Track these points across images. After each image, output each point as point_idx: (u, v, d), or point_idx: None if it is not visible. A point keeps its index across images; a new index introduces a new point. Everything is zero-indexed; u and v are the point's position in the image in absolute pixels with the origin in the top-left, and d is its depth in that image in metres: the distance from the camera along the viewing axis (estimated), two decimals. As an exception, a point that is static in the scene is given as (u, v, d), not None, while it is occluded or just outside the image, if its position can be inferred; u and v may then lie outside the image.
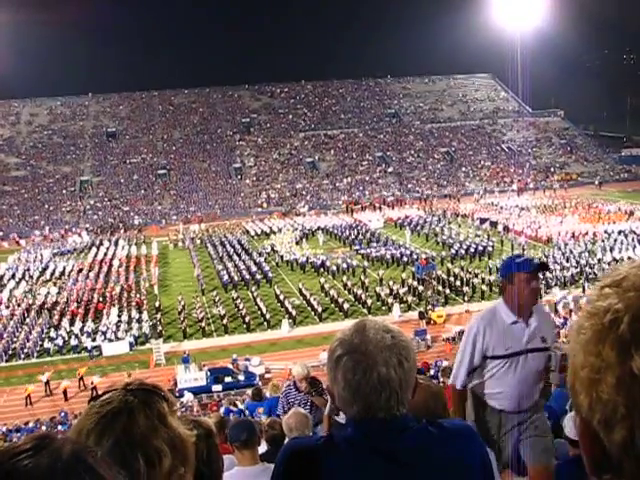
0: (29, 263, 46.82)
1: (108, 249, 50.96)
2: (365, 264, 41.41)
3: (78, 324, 33.80)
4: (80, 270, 44.20)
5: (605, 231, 45.11)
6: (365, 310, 33.25)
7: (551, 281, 34.96)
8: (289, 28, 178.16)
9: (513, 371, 3.71)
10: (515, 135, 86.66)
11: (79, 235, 57.96)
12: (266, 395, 13.19)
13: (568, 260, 38.25)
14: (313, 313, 34.00)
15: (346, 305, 33.52)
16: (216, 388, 27.06)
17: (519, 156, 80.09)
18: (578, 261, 38.21)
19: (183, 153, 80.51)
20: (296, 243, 48.94)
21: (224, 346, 31.27)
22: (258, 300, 35.39)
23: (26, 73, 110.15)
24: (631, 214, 51.47)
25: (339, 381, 1.56)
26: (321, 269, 41.28)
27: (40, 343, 32.36)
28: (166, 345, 31.80)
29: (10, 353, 31.76)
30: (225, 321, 33.10)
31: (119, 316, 34.71)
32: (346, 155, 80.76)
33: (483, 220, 52.71)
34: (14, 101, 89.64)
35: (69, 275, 43.53)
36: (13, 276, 43.86)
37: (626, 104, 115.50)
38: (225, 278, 39.75)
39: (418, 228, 51.69)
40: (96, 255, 48.87)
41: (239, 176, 75.65)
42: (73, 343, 31.83)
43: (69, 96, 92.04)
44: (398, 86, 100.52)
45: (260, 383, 24.20)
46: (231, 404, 21.02)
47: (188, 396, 25.75)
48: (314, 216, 61.13)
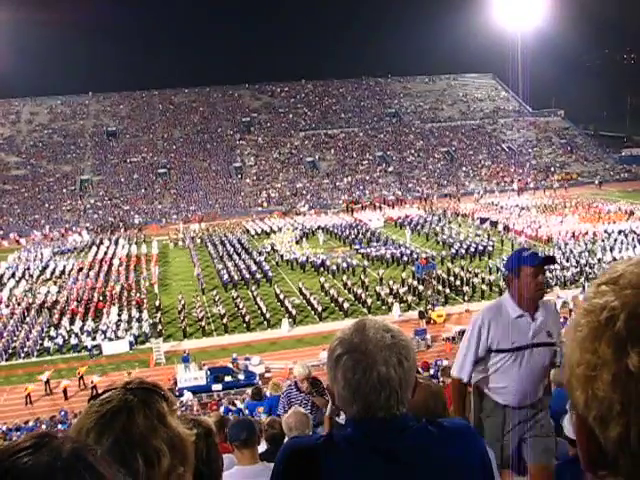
0: (29, 262, 46.83)
1: (108, 248, 50.96)
2: (365, 263, 41.41)
3: (78, 323, 33.82)
4: (80, 269, 44.20)
5: (605, 231, 45.12)
6: (365, 309, 33.25)
7: (551, 281, 34.96)
8: (289, 27, 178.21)
9: (518, 366, 3.67)
10: (515, 135, 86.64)
11: (79, 234, 57.97)
12: (266, 394, 13.20)
13: (568, 260, 38.25)
14: (313, 312, 34.00)
15: (346, 304, 33.51)
16: (216, 387, 27.07)
17: (519, 156, 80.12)
18: (578, 261, 38.21)
19: (183, 152, 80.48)
20: (296, 242, 48.93)
21: (224, 345, 31.27)
22: (258, 299, 35.40)
23: (26, 72, 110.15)
24: (631, 214, 51.44)
25: (339, 380, 1.56)
26: (321, 268, 41.28)
27: (40, 342, 32.36)
28: (166, 344, 31.82)
29: (10, 352, 31.78)
30: (225, 320, 33.11)
31: (119, 315, 34.74)
32: (346, 154, 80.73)
33: (483, 220, 52.71)
34: (14, 100, 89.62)
35: (69, 274, 43.53)
36: (13, 275, 43.89)
37: (626, 104, 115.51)
38: (225, 277, 39.76)
39: (418, 227, 51.68)
40: (96, 254, 48.88)
41: (239, 175, 75.63)
42: (73, 342, 31.85)
43: (69, 95, 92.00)
44: (398, 85, 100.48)
45: (260, 382, 24.21)
46: (230, 403, 21.05)
47: (187, 395, 25.76)
48: (314, 215, 61.12)
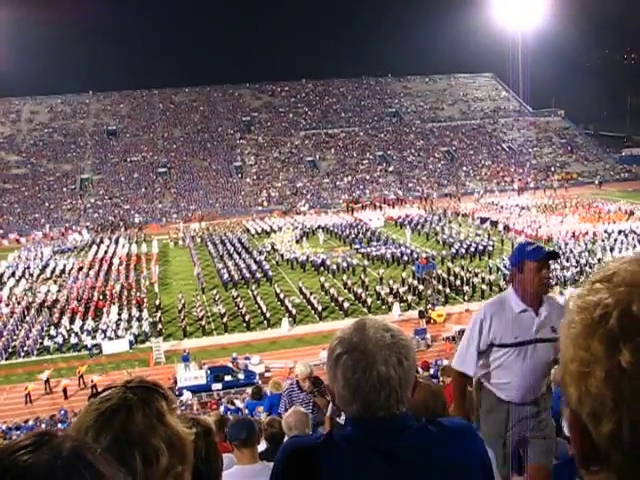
0: (29, 261, 46.84)
1: (108, 247, 50.96)
2: (365, 263, 41.40)
3: (78, 322, 33.81)
4: (80, 268, 44.20)
5: (605, 231, 45.12)
6: (365, 309, 33.25)
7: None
8: (290, 27, 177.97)
9: (521, 361, 3.65)
10: (516, 134, 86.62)
11: (79, 233, 58.00)
12: (266, 393, 13.18)
13: (568, 260, 38.23)
14: (313, 312, 33.99)
15: (346, 304, 33.50)
16: (216, 387, 27.06)
17: (519, 155, 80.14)
18: (578, 261, 38.20)
19: (184, 151, 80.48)
20: (296, 242, 48.92)
21: (224, 345, 31.27)
22: (258, 299, 35.40)
23: (27, 71, 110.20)
24: (631, 214, 51.45)
25: (339, 380, 1.56)
26: (321, 268, 41.27)
27: (40, 341, 32.36)
28: (166, 343, 31.81)
29: (10, 351, 31.76)
30: (225, 320, 33.10)
31: (119, 314, 34.74)
32: (347, 154, 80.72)
33: (483, 219, 52.71)
34: (15, 99, 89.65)
35: (69, 273, 43.53)
36: (13, 274, 43.89)
37: (626, 104, 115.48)
38: (225, 277, 39.76)
39: (418, 227, 51.68)
40: (96, 253, 48.88)
41: (240, 175, 75.62)
42: (73, 341, 31.85)
43: (70, 94, 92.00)
44: (399, 85, 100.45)
45: (260, 382, 24.20)
46: (228, 402, 21.05)
47: (187, 395, 25.76)
48: (314, 215, 61.13)
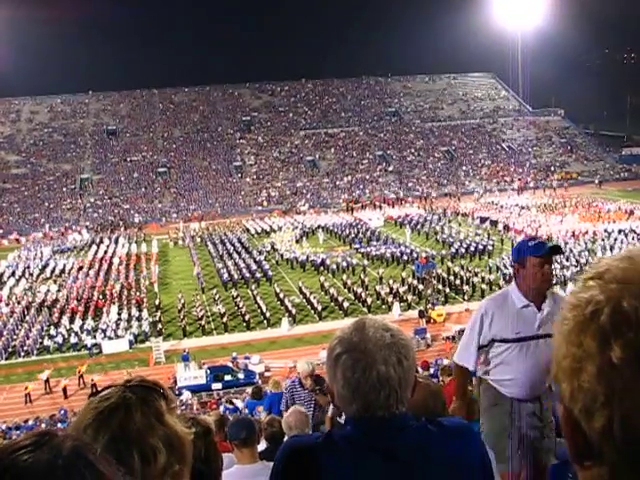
0: (29, 261, 46.84)
1: (108, 247, 50.96)
2: (365, 263, 41.41)
3: (78, 322, 33.82)
4: (80, 268, 44.20)
5: (605, 230, 45.13)
6: (365, 309, 33.26)
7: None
8: (290, 26, 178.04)
9: (524, 357, 3.64)
10: (515, 134, 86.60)
11: (79, 233, 57.99)
12: (267, 392, 13.17)
13: (568, 259, 38.24)
14: (313, 311, 34.00)
15: (346, 304, 33.50)
16: (216, 386, 27.06)
17: (519, 155, 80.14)
18: (578, 260, 38.20)
19: (183, 151, 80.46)
20: (296, 241, 48.92)
21: (224, 344, 31.28)
22: (258, 298, 35.40)
23: (26, 71, 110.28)
24: (631, 213, 51.46)
25: (338, 379, 1.56)
26: (321, 267, 41.28)
27: (40, 341, 32.37)
28: (166, 343, 31.83)
29: (10, 351, 31.77)
30: (225, 319, 33.10)
31: (119, 314, 34.74)
32: (346, 154, 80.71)
33: (483, 219, 52.71)
34: (14, 99, 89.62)
35: (69, 273, 43.53)
36: (13, 274, 43.88)
37: (626, 103, 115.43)
38: (225, 276, 39.76)
39: (418, 227, 51.68)
40: (96, 253, 48.87)
41: (239, 174, 75.61)
42: (73, 341, 31.86)
43: (69, 94, 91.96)
44: (398, 85, 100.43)
45: (260, 381, 24.20)
46: (227, 402, 21.04)
47: (186, 394, 25.77)
48: (314, 214, 61.13)
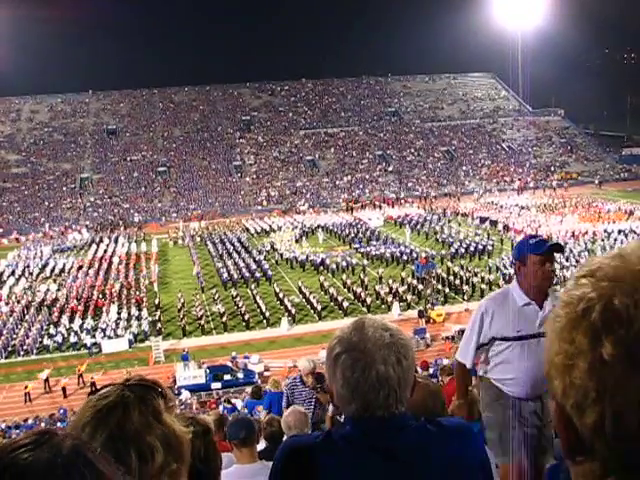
0: (29, 260, 46.83)
1: (108, 246, 50.95)
2: (365, 262, 41.39)
3: (77, 321, 33.81)
4: (80, 267, 44.19)
5: (605, 230, 45.12)
6: (364, 308, 33.25)
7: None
8: (290, 26, 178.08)
9: (525, 355, 3.61)
10: (515, 134, 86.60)
11: (79, 232, 57.97)
12: (267, 392, 13.15)
13: (568, 259, 38.23)
14: (312, 311, 33.99)
15: (345, 303, 33.49)
16: (215, 386, 27.06)
17: (519, 155, 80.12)
18: (578, 260, 38.17)
19: (183, 151, 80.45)
20: (296, 241, 48.90)
21: (223, 344, 31.28)
22: (257, 298, 35.39)
23: (27, 70, 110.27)
24: (631, 214, 51.46)
25: (338, 379, 1.56)
26: (321, 267, 41.27)
27: (39, 340, 32.36)
28: (165, 342, 31.81)
29: (9, 350, 31.78)
30: (224, 319, 33.09)
31: (119, 313, 34.73)
32: (346, 153, 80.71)
33: (483, 219, 52.70)
34: (15, 98, 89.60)
35: (69, 272, 43.51)
36: (13, 273, 43.87)
37: (626, 103, 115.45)
38: (225, 276, 39.76)
39: (418, 227, 51.66)
40: (96, 252, 48.87)
41: (239, 174, 75.60)
42: (72, 340, 31.85)
43: (69, 93, 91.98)
44: (398, 84, 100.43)
45: (259, 381, 24.21)
46: (225, 401, 21.01)
47: (185, 394, 25.77)
48: (314, 214, 61.12)
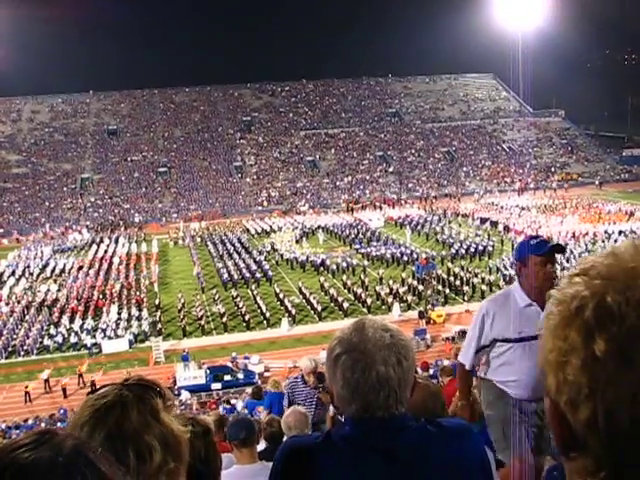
0: (29, 260, 46.85)
1: (108, 246, 50.98)
2: (365, 263, 41.40)
3: (78, 321, 33.83)
4: (80, 267, 44.21)
5: (605, 231, 45.11)
6: (365, 309, 33.24)
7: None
8: (290, 27, 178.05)
9: (528, 357, 3.58)
10: (516, 135, 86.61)
11: (79, 232, 57.99)
12: (267, 392, 13.14)
13: (568, 260, 38.20)
14: (313, 312, 33.99)
15: (346, 304, 33.50)
16: (215, 386, 27.06)
17: (520, 156, 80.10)
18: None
19: (184, 151, 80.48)
20: (296, 242, 48.92)
21: (223, 344, 31.28)
22: (258, 298, 35.40)
23: (27, 70, 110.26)
24: (631, 214, 51.46)
25: (338, 380, 1.55)
26: (321, 268, 41.27)
27: (40, 340, 32.38)
28: (166, 343, 31.83)
29: (10, 350, 31.79)
30: (225, 319, 33.11)
31: (119, 314, 34.75)
32: (347, 154, 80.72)
33: (483, 220, 52.70)
34: (15, 98, 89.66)
35: (69, 272, 43.54)
36: (13, 273, 43.90)
37: (627, 104, 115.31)
38: (225, 276, 39.76)
39: (418, 227, 51.67)
40: (96, 252, 48.89)
41: (240, 174, 75.63)
42: (73, 340, 31.86)
43: (70, 93, 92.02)
44: (399, 85, 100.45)
45: (259, 382, 24.20)
46: (224, 402, 21.01)
47: (185, 395, 25.77)
48: (314, 215, 61.12)
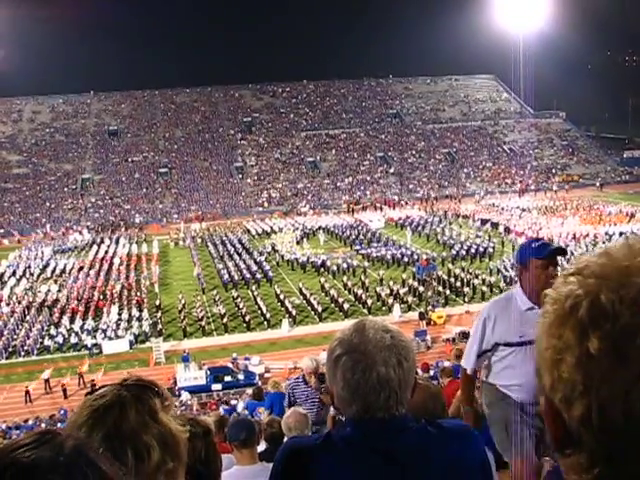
0: (30, 260, 46.85)
1: (109, 247, 50.98)
2: (365, 264, 41.39)
3: (78, 322, 33.83)
4: (81, 268, 44.21)
5: (606, 233, 45.07)
6: (365, 310, 33.23)
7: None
8: (291, 27, 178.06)
9: (529, 361, 3.50)
10: (517, 136, 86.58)
11: (80, 233, 57.98)
12: (268, 393, 13.14)
13: (569, 261, 38.17)
14: (313, 313, 34.00)
15: (346, 305, 33.51)
16: (216, 387, 27.06)
17: (521, 157, 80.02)
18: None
19: (185, 152, 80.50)
20: (297, 243, 48.92)
21: (224, 345, 31.28)
22: (258, 299, 35.40)
23: (28, 71, 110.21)
24: (632, 216, 51.44)
25: (338, 381, 1.55)
26: (321, 269, 41.26)
27: (40, 341, 32.38)
28: (166, 344, 31.83)
29: (10, 350, 31.79)
30: (225, 320, 33.11)
31: (119, 314, 34.75)
32: (347, 155, 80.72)
33: (484, 221, 52.68)
34: (16, 98, 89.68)
35: (70, 273, 43.53)
36: (14, 273, 43.89)
37: (628, 106, 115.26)
38: (225, 277, 39.76)
39: (419, 228, 51.65)
40: (97, 253, 48.90)
41: (240, 175, 75.63)
42: (73, 341, 31.88)
43: (71, 94, 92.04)
44: (400, 86, 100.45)
45: (260, 383, 24.19)
46: (223, 402, 20.99)
47: (185, 395, 25.77)
48: (315, 216, 61.12)
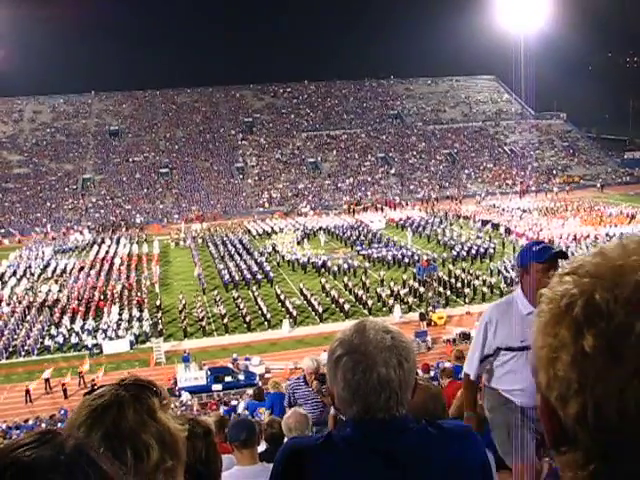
0: (30, 260, 46.87)
1: (109, 247, 51.00)
2: (366, 265, 41.39)
3: (79, 322, 33.84)
4: (81, 268, 44.22)
5: (607, 234, 45.05)
6: (366, 311, 33.24)
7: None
8: (292, 28, 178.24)
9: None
10: (518, 137, 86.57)
11: (81, 233, 58.00)
12: (269, 393, 13.14)
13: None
14: (314, 313, 34.00)
15: (347, 306, 33.51)
16: (216, 387, 27.07)
17: (521, 158, 79.98)
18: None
19: (185, 152, 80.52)
20: (297, 243, 48.92)
21: (224, 345, 31.29)
22: (259, 300, 35.40)
23: (29, 71, 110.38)
24: (633, 217, 51.43)
25: (338, 381, 1.55)
26: (322, 269, 41.26)
27: (41, 341, 32.39)
28: (166, 344, 31.85)
29: (11, 350, 31.80)
30: (226, 320, 33.11)
31: (120, 314, 34.76)
32: (348, 156, 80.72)
33: (485, 222, 52.67)
34: (17, 98, 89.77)
35: (70, 273, 43.55)
36: (14, 273, 43.91)
37: (629, 107, 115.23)
38: (226, 277, 39.76)
39: (420, 229, 51.65)
40: (97, 253, 48.91)
41: (241, 176, 75.65)
42: (74, 341, 31.88)
43: (72, 94, 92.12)
44: (401, 87, 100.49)
45: (260, 383, 24.19)
46: (223, 403, 20.98)
47: (186, 396, 25.77)
48: (316, 216, 61.11)
